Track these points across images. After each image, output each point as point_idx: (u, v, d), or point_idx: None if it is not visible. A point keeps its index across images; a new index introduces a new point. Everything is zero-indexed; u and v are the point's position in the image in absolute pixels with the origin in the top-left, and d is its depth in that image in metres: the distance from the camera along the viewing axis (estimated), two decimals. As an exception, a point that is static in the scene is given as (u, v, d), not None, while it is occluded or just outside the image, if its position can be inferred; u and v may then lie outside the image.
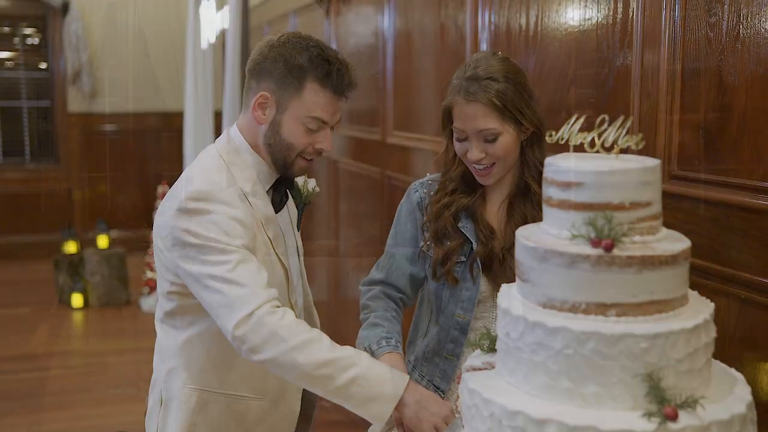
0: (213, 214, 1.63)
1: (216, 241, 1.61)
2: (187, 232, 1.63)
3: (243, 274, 1.59)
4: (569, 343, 1.11)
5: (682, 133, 1.69)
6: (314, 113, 1.70)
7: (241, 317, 1.55)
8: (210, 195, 1.65)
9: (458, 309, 1.77)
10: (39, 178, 7.55)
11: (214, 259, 1.61)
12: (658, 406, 1.07)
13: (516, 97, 1.66)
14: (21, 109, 7.57)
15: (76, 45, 7.26)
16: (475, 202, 1.77)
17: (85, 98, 7.49)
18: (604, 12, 1.92)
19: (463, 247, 1.76)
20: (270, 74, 1.70)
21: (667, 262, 1.12)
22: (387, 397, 1.55)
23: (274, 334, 1.54)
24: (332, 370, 1.54)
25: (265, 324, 1.55)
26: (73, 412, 4.06)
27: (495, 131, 1.66)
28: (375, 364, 1.60)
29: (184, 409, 1.76)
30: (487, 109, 1.65)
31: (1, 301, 6.10)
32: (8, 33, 7.58)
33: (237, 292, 1.57)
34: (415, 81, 3.08)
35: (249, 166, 1.75)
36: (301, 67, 1.68)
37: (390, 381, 1.56)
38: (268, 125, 1.72)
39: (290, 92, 1.69)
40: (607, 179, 1.15)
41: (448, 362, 1.80)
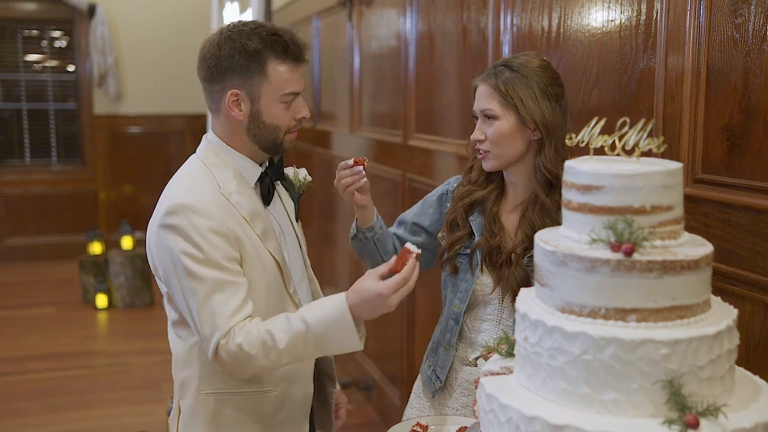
0: (190, 227, 1.64)
1: (192, 258, 1.63)
2: (168, 249, 1.65)
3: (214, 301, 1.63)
4: (588, 349, 1.09)
5: (706, 136, 1.66)
6: (287, 89, 1.72)
7: (211, 352, 1.64)
8: (189, 207, 1.65)
9: (456, 299, 1.85)
10: (65, 180, 7.65)
11: (187, 283, 1.64)
12: (678, 413, 1.05)
13: (523, 88, 1.71)
14: (48, 111, 7.67)
15: (102, 48, 7.34)
16: (490, 196, 1.82)
17: (110, 100, 7.58)
18: (628, 13, 1.89)
19: (469, 239, 1.83)
20: (231, 70, 1.70)
21: (688, 267, 1.10)
22: (344, 328, 1.61)
23: (241, 360, 1.62)
24: (296, 350, 1.62)
25: (229, 354, 1.62)
26: (96, 412, 4.10)
27: (493, 113, 1.73)
28: (313, 315, 1.63)
29: (203, 414, 1.79)
30: (491, 90, 1.73)
31: (27, 301, 6.18)
32: (36, 36, 7.68)
33: (205, 325, 1.64)
34: (436, 83, 3.07)
35: (230, 166, 1.76)
36: (257, 51, 1.69)
37: (334, 315, 1.61)
38: (247, 119, 1.73)
39: (257, 79, 1.70)
40: (628, 183, 1.13)
41: (446, 352, 1.88)
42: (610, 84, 1.97)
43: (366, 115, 4.02)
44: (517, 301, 1.25)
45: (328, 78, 4.72)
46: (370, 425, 3.87)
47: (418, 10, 3.21)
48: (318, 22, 4.80)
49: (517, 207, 1.80)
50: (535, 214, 1.73)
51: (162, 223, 1.66)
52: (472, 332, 1.85)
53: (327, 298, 1.68)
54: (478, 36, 2.69)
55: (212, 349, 1.63)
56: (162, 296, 1.84)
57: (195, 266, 1.63)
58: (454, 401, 1.89)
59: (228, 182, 1.74)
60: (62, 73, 7.70)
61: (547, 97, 1.71)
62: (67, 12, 7.47)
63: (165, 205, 1.68)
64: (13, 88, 7.55)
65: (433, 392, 1.92)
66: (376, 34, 3.78)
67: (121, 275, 5.94)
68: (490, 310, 1.82)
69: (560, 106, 1.74)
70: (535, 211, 1.73)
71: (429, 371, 1.94)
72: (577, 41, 2.11)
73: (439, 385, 1.89)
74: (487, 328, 1.83)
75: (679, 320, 1.11)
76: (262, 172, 1.81)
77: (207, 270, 1.63)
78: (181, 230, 1.64)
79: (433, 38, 3.08)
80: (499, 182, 1.84)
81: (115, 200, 7.74)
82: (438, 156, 3.03)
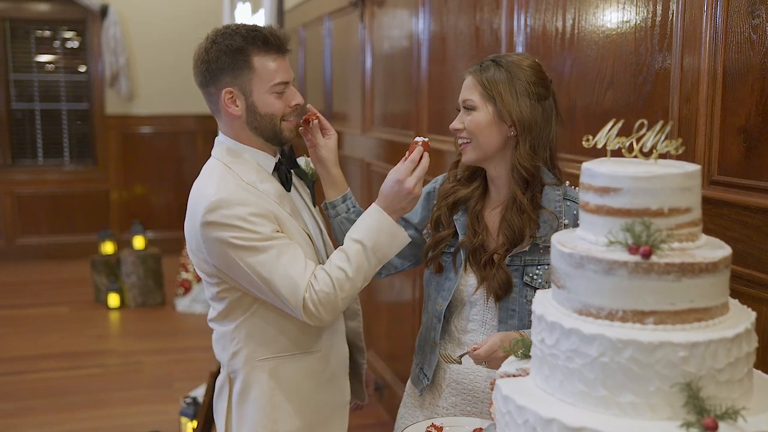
0: (234, 217, 1.74)
1: (246, 241, 1.74)
2: (218, 241, 1.76)
3: (284, 265, 1.74)
4: (605, 351, 1.09)
5: (722, 138, 1.66)
6: (275, 80, 1.83)
7: (300, 310, 1.75)
8: (225, 201, 1.76)
9: (439, 297, 1.87)
10: (77, 180, 7.69)
11: (252, 260, 1.74)
12: (697, 416, 1.05)
13: (505, 84, 1.74)
14: (60, 112, 7.71)
15: (114, 48, 7.37)
16: (473, 195, 1.85)
17: (122, 100, 7.61)
18: (643, 14, 1.89)
19: (453, 238, 1.86)
20: (221, 71, 1.81)
21: (707, 269, 1.10)
22: (389, 229, 1.79)
23: (326, 303, 1.75)
24: (362, 269, 1.78)
25: (315, 304, 1.75)
26: (109, 411, 4.12)
27: (473, 104, 1.77)
28: (359, 232, 1.79)
29: (258, 379, 1.89)
30: (475, 82, 1.78)
31: (40, 300, 6.22)
32: (49, 37, 7.72)
33: (285, 288, 1.74)
34: (449, 84, 3.07)
35: (247, 160, 1.87)
36: (240, 48, 1.80)
37: (375, 222, 1.79)
38: (245, 113, 1.84)
39: (246, 74, 1.81)
40: (646, 185, 1.13)
41: (432, 350, 1.90)
42: (624, 85, 1.96)
43: (378, 116, 4.02)
44: (534, 303, 1.25)
45: (339, 78, 4.72)
46: (382, 425, 3.87)
47: (431, 11, 3.20)
48: (329, 22, 4.80)
49: (500, 206, 1.82)
50: (513, 214, 1.75)
51: (204, 222, 1.76)
52: (460, 332, 1.87)
53: (362, 215, 1.84)
54: (491, 37, 2.68)
55: (300, 307, 1.75)
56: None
57: (252, 244, 1.74)
58: (443, 401, 1.90)
59: (249, 174, 1.85)
60: (74, 74, 7.74)
61: (528, 95, 1.74)
62: (79, 13, 7.50)
63: (202, 205, 1.77)
64: (26, 89, 7.59)
65: (420, 390, 1.94)
66: (388, 35, 3.78)
67: (133, 275, 5.97)
68: (476, 311, 1.84)
69: (542, 107, 1.76)
70: (513, 212, 1.76)
71: (417, 369, 1.97)
72: (592, 42, 2.10)
73: (426, 382, 1.91)
74: (473, 328, 1.84)
75: (697, 323, 1.10)
76: (276, 161, 1.91)
77: (264, 243, 1.75)
78: (226, 222, 1.74)
79: (446, 39, 3.08)
80: (482, 180, 1.86)
81: (126, 200, 7.78)
82: (450, 157, 3.02)
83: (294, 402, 1.91)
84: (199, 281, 5.87)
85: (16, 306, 6.04)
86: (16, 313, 5.86)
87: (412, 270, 3.52)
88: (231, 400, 1.93)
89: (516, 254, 1.75)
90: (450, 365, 1.88)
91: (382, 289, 4.04)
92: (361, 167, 4.20)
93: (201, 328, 5.51)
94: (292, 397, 1.91)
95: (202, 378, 4.16)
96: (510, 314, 1.76)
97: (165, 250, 6.49)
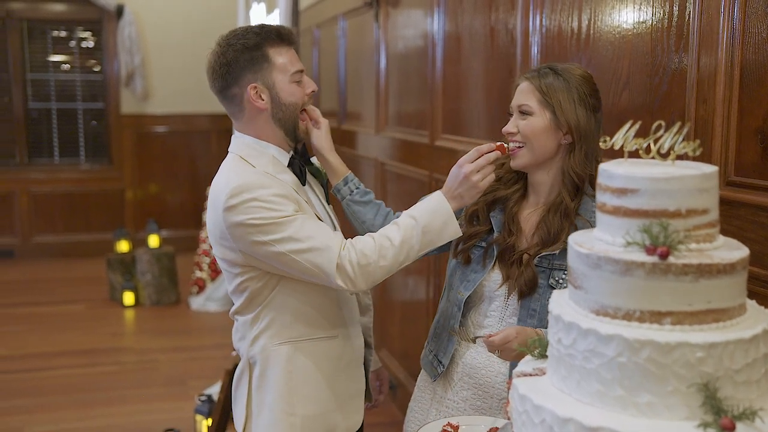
0: (256, 199, 1.79)
1: (271, 219, 1.78)
2: (242, 224, 1.79)
3: (310, 234, 1.78)
4: (623, 351, 1.10)
5: (739, 139, 1.65)
6: (293, 68, 1.92)
7: (333, 272, 1.76)
8: (246, 186, 1.81)
9: (461, 287, 1.89)
10: (93, 178, 7.75)
11: (280, 235, 1.78)
12: (714, 416, 1.05)
13: (564, 92, 1.75)
14: (76, 111, 7.77)
15: (129, 48, 7.42)
16: (513, 196, 1.87)
17: (137, 100, 7.66)
18: (659, 14, 1.89)
19: (487, 234, 1.88)
20: (242, 70, 1.89)
21: (724, 270, 1.10)
22: (445, 215, 1.80)
23: (364, 266, 1.77)
24: (409, 244, 1.79)
25: (352, 264, 1.76)
26: (125, 408, 4.15)
27: (530, 109, 1.77)
28: (418, 210, 1.82)
29: (277, 362, 1.93)
30: (532, 87, 1.78)
31: (56, 298, 6.27)
32: (65, 37, 7.78)
33: (317, 253, 1.77)
34: (464, 84, 3.08)
35: (264, 153, 1.93)
36: (257, 44, 1.89)
37: (434, 205, 1.81)
38: (270, 105, 1.91)
39: (266, 68, 1.90)
40: (663, 186, 1.13)
41: (450, 337, 1.91)
42: (640, 85, 1.96)
43: (392, 116, 4.03)
44: (551, 303, 1.25)
45: (353, 78, 4.73)
46: (395, 424, 3.88)
47: (446, 11, 3.21)
48: (344, 22, 4.82)
49: (536, 210, 1.84)
50: (555, 218, 1.76)
51: (227, 207, 1.80)
52: (475, 327, 1.89)
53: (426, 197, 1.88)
54: (506, 37, 2.69)
55: (334, 268, 1.76)
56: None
57: (277, 221, 1.78)
58: (454, 394, 1.92)
59: (267, 166, 1.91)
60: (90, 73, 7.80)
61: (584, 105, 1.75)
62: (95, 13, 7.56)
63: (224, 192, 1.82)
64: (42, 88, 7.66)
65: (435, 376, 1.95)
66: (403, 35, 3.79)
67: (148, 273, 6.01)
68: (494, 307, 1.85)
69: (595, 118, 1.78)
70: (555, 216, 1.76)
71: (430, 356, 1.98)
72: (608, 42, 2.10)
73: (441, 369, 1.93)
74: (490, 324, 1.86)
75: (715, 323, 1.11)
76: (291, 156, 1.97)
77: (288, 218, 1.79)
78: (249, 204, 1.79)
79: (461, 39, 3.08)
80: (523, 184, 1.88)
81: (141, 199, 7.83)
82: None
83: (311, 386, 1.95)
84: (213, 280, 5.90)
85: (32, 304, 6.09)
86: (33, 310, 5.91)
87: (426, 270, 3.54)
88: (251, 385, 1.97)
89: (545, 255, 1.76)
90: (463, 359, 1.90)
91: (395, 288, 4.05)
92: (375, 167, 4.21)
93: (215, 326, 5.55)
94: (310, 381, 1.94)
95: (217, 376, 4.19)
96: (530, 314, 1.77)
97: (179, 249, 6.53)
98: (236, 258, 1.87)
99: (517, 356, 1.64)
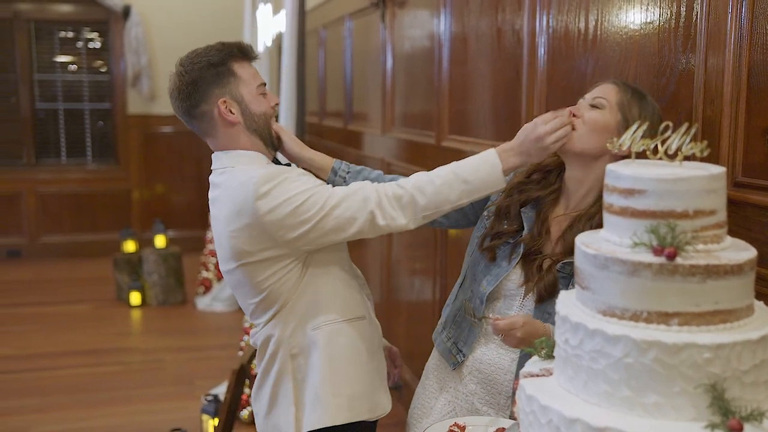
0: (287, 179, 1.83)
1: (305, 188, 1.83)
2: (281, 203, 1.81)
3: (342, 190, 1.84)
4: (630, 352, 1.10)
5: (747, 140, 1.65)
6: (258, 81, 1.98)
7: (370, 209, 1.81)
8: (270, 175, 1.84)
9: (484, 281, 1.88)
10: (99, 179, 7.77)
11: (315, 198, 1.82)
12: (722, 418, 1.05)
13: (640, 110, 1.74)
14: (83, 111, 7.79)
15: (136, 48, 7.44)
16: (547, 198, 1.86)
17: (144, 100, 7.68)
18: (666, 15, 1.89)
19: (516, 232, 1.87)
20: (209, 85, 1.92)
21: (732, 271, 1.10)
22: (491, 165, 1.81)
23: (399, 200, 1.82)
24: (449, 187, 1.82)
25: (390, 196, 1.82)
26: (131, 408, 4.17)
27: (603, 102, 1.76)
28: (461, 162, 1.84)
29: (319, 346, 1.95)
30: (616, 90, 1.77)
31: (63, 298, 6.29)
32: (71, 37, 7.81)
33: (352, 201, 1.82)
34: (470, 85, 3.08)
35: (257, 159, 1.97)
36: (222, 60, 1.94)
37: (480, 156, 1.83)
38: (242, 117, 1.95)
39: (232, 82, 1.94)
40: (671, 187, 1.13)
41: (471, 328, 1.92)
42: (647, 86, 1.96)
43: (398, 116, 4.03)
44: (557, 304, 1.25)
45: (359, 79, 4.74)
46: (401, 424, 3.87)
47: (452, 12, 3.21)
48: (350, 23, 4.82)
49: (566, 215, 1.83)
50: (586, 226, 1.73)
51: (258, 195, 1.81)
52: (487, 323, 1.89)
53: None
54: (512, 38, 2.68)
55: (374, 207, 1.81)
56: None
57: (310, 188, 1.83)
58: (463, 386, 1.94)
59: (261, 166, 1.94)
60: (97, 74, 7.82)
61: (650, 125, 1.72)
62: (102, 13, 7.58)
63: (249, 184, 1.83)
64: (49, 89, 7.68)
65: (454, 365, 1.95)
66: (409, 35, 3.79)
67: (155, 273, 6.02)
68: (508, 305, 1.86)
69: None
70: (586, 225, 1.73)
71: (449, 343, 1.98)
72: (615, 43, 2.10)
73: (461, 358, 1.93)
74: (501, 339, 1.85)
75: (722, 324, 1.11)
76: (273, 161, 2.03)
77: (320, 185, 1.86)
78: (281, 186, 1.82)
79: (467, 39, 3.08)
80: (558, 187, 1.87)
81: (148, 199, 7.85)
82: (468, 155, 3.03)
83: (353, 366, 1.99)
84: (219, 280, 5.91)
85: (38, 303, 6.12)
86: (40, 310, 5.93)
87: (432, 271, 3.54)
88: (296, 378, 1.98)
89: (568, 262, 1.75)
90: (473, 353, 1.92)
91: (401, 288, 4.05)
92: (381, 167, 4.21)
93: (221, 326, 5.56)
94: (351, 361, 1.98)
95: (223, 376, 4.20)
96: (545, 317, 1.76)
97: (186, 249, 6.55)
98: (263, 244, 1.86)
99: (518, 344, 1.66)
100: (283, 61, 4.75)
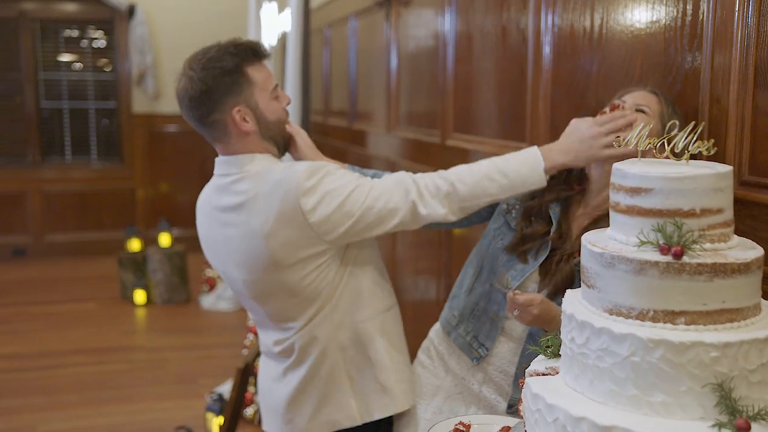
0: (329, 173, 1.82)
1: (346, 186, 1.81)
2: (326, 195, 1.80)
3: (380, 182, 1.84)
4: (636, 351, 1.10)
5: (753, 138, 1.65)
6: (269, 84, 1.92)
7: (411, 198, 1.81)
8: (311, 168, 1.81)
9: (509, 275, 1.88)
10: (104, 177, 7.78)
11: (359, 199, 1.81)
12: (729, 417, 1.05)
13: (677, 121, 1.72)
14: (88, 110, 7.80)
15: (141, 47, 7.45)
16: (575, 197, 1.87)
17: (149, 99, 7.69)
18: (673, 14, 1.88)
19: (546, 233, 1.87)
20: (224, 95, 1.85)
21: (739, 270, 1.10)
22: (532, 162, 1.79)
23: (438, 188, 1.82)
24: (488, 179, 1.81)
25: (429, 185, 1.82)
26: (137, 406, 4.17)
27: (649, 111, 1.77)
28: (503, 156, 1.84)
29: (373, 337, 1.97)
30: (657, 100, 1.78)
31: (68, 296, 6.30)
32: (76, 36, 7.82)
33: (394, 192, 1.82)
34: (475, 84, 3.07)
35: (266, 158, 1.93)
36: (236, 65, 1.85)
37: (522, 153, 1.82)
38: (257, 126, 1.90)
39: (246, 88, 1.87)
40: (677, 185, 1.13)
41: (493, 322, 1.91)
42: (653, 85, 1.95)
43: (403, 115, 4.03)
44: (564, 302, 1.25)
45: (364, 78, 4.74)
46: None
47: (457, 10, 3.21)
48: (355, 22, 4.82)
49: (585, 214, 1.84)
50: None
51: (305, 189, 1.79)
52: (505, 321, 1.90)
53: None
54: (518, 36, 2.68)
55: (414, 196, 1.81)
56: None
57: (352, 181, 1.83)
58: (470, 375, 1.97)
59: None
60: (102, 73, 7.83)
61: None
62: (107, 12, 7.59)
63: (293, 179, 1.80)
64: (54, 87, 7.69)
65: (477, 359, 1.94)
66: (414, 34, 3.79)
67: (159, 272, 6.03)
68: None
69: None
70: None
71: (468, 337, 1.97)
72: (620, 42, 2.10)
73: (484, 353, 1.92)
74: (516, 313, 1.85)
75: (729, 323, 1.11)
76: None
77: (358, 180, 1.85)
78: (326, 178, 1.81)
79: (472, 38, 3.08)
80: (582, 187, 1.88)
81: (152, 198, 7.86)
82: (476, 156, 3.02)
83: (403, 353, 2.03)
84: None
85: (44, 302, 6.13)
86: (44, 309, 5.95)
87: (437, 270, 3.54)
88: (351, 372, 1.97)
89: None
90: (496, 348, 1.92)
91: (406, 288, 4.05)
92: (387, 167, 4.21)
93: (225, 325, 5.56)
94: (402, 348, 2.04)
95: (227, 374, 4.21)
96: None
97: (190, 248, 6.53)
98: (306, 240, 1.82)
99: (533, 321, 1.66)
100: (288, 60, 4.75)
